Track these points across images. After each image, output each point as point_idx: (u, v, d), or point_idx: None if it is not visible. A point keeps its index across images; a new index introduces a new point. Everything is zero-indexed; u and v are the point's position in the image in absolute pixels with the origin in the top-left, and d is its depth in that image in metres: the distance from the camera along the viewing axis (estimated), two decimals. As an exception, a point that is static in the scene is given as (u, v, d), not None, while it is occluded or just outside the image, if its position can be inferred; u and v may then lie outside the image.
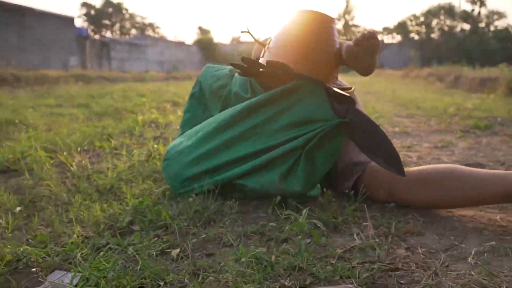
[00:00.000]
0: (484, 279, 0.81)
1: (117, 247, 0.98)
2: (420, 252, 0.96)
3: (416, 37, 37.09)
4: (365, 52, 1.33)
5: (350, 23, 39.31)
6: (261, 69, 1.30)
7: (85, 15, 46.21)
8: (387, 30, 46.22)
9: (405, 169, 1.27)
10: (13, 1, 14.21)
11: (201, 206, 1.22)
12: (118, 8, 47.97)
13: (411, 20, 36.92)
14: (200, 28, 53.16)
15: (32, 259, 0.93)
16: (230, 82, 1.46)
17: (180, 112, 3.59)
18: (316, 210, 1.20)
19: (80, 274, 0.82)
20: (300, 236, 0.94)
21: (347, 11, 38.97)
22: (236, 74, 1.47)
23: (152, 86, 8.43)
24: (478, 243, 1.02)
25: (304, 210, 0.99)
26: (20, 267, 0.92)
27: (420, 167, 1.28)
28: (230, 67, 1.52)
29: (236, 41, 51.39)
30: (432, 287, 0.80)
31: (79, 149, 1.99)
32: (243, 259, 0.88)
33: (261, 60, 1.41)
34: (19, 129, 2.59)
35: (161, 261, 0.92)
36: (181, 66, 27.15)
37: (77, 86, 7.60)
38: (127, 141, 2.19)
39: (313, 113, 1.25)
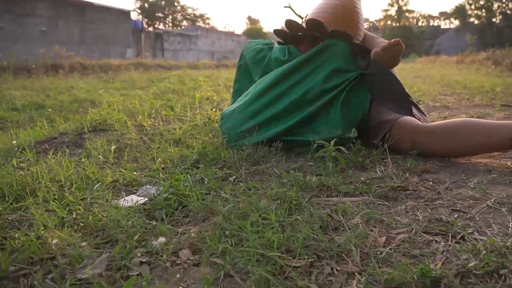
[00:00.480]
0: (477, 194, 1.02)
1: (188, 174, 1.27)
2: (431, 180, 1.18)
3: (476, 21, 35.25)
4: (390, 56, 1.55)
5: (404, 8, 38.05)
6: (299, 33, 1.56)
7: (139, 8, 48.00)
8: (444, 15, 44.26)
9: (424, 124, 1.48)
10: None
11: (252, 150, 1.49)
12: (170, 0, 49.40)
13: (470, 4, 35.13)
14: (249, 18, 53.72)
15: (126, 180, 1.24)
16: (269, 52, 1.72)
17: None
18: (348, 154, 1.44)
19: (163, 185, 1.12)
20: (329, 163, 1.18)
21: (401, -4, 37.71)
22: (275, 45, 1.73)
23: (205, 72, 8.84)
24: (483, 177, 1.21)
25: (332, 142, 1.23)
26: (118, 186, 1.23)
27: (438, 122, 1.48)
28: (268, 40, 1.79)
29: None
30: (433, 200, 1.02)
31: (150, 115, 2.34)
32: (285, 180, 1.14)
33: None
34: (97, 104, 3.00)
35: (222, 182, 1.20)
36: (231, 56, 27.68)
37: (137, 72, 8.14)
38: (188, 111, 2.51)
39: (342, 65, 1.50)
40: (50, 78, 6.13)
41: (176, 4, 50.26)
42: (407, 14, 38.40)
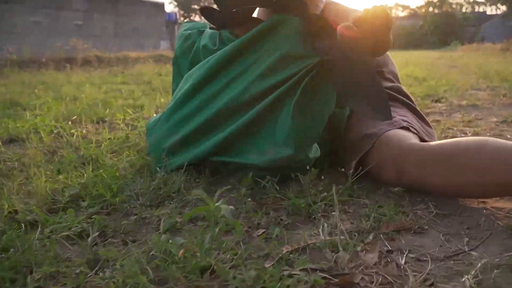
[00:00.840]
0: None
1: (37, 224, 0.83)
2: (401, 260, 0.68)
3: (526, 6, 32.95)
4: (368, 35, 1.00)
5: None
6: (233, 9, 1.08)
7: (175, 0, 48.31)
8: (490, 1, 41.67)
9: (417, 143, 0.97)
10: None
11: (164, 183, 1.04)
12: (207, -9, 49.37)
13: (520, -13, 32.77)
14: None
15: None
16: (198, 38, 1.25)
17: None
18: (295, 191, 0.95)
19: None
20: (213, 226, 0.69)
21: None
22: (207, 29, 1.25)
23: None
24: (498, 251, 0.70)
25: (217, 192, 0.71)
26: None
27: (441, 141, 0.96)
28: (202, 23, 1.31)
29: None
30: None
31: (100, 119, 1.93)
32: (143, 259, 0.68)
33: None
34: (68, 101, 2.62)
35: (67, 244, 0.75)
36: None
37: (151, 65, 7.82)
38: (150, 114, 2.08)
39: (292, 49, 1.01)
40: (55, 72, 5.89)
41: (211, -5, 50.29)
42: (450, 0, 36.39)
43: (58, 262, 0.68)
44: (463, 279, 0.59)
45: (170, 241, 0.69)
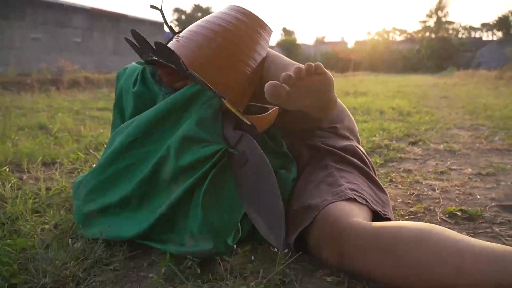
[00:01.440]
0: None
1: None
2: None
3: (521, 33, 33.44)
4: (302, 96, 0.90)
5: (443, 19, 36.52)
6: (150, 56, 0.98)
7: (176, 20, 48.94)
8: (486, 27, 42.29)
9: (364, 222, 0.86)
10: (110, 9, 15.37)
11: (76, 257, 0.91)
12: (207, 12, 50.07)
13: (514, 15, 33.30)
14: (284, 29, 53.30)
15: None
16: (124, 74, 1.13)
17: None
18: (219, 274, 0.83)
19: None
20: None
21: (440, 7, 36.28)
22: (132, 64, 1.15)
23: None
24: None
25: None
26: None
27: (385, 224, 0.85)
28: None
29: (319, 42, 50.60)
30: None
31: (48, 161, 1.81)
32: None
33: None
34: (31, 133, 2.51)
35: None
36: (262, 67, 27.25)
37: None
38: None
39: (197, 131, 0.89)
40: (39, 94, 5.79)
41: (212, 15, 50.85)
42: (446, 25, 36.87)
43: None
44: None
45: None
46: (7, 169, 1.61)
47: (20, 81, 6.51)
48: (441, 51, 34.10)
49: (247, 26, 1.04)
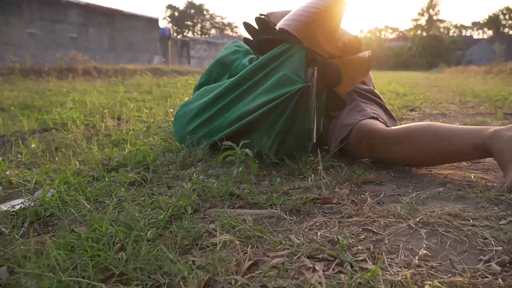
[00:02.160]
0: (403, 211, 0.84)
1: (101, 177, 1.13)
2: (366, 193, 0.99)
3: (511, 31, 34.13)
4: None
5: (435, 18, 37.22)
6: (269, 36, 1.38)
7: (169, 16, 48.95)
8: (477, 25, 43.05)
9: (382, 128, 1.29)
10: (105, 5, 15.50)
11: (188, 155, 1.34)
12: (200, 9, 50.12)
13: (504, 14, 34.06)
14: (277, 26, 53.71)
15: (29, 181, 1.11)
16: (242, 56, 1.56)
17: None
18: (290, 159, 1.26)
19: (54, 190, 0.98)
20: (236, 168, 1.01)
21: (431, 5, 36.93)
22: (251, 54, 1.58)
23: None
24: (431, 191, 1.02)
25: (239, 148, 1.03)
26: (21, 188, 1.10)
27: (400, 126, 1.29)
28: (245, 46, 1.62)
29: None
30: (350, 216, 0.84)
31: (118, 115, 2.23)
32: (191, 186, 0.98)
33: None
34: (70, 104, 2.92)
35: (128, 187, 1.05)
36: (257, 63, 27.67)
37: (149, 77, 8.14)
38: (161, 115, 2.38)
39: (290, 73, 1.30)
40: (58, 80, 6.17)
41: (205, 13, 51.05)
42: (438, 23, 37.53)
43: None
44: (402, 199, 0.91)
45: (205, 180, 1.00)
46: (98, 116, 2.04)
47: (36, 70, 6.87)
48: (432, 49, 34.83)
49: (331, 7, 1.45)
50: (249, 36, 1.45)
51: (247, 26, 1.42)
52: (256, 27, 1.40)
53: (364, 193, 1.00)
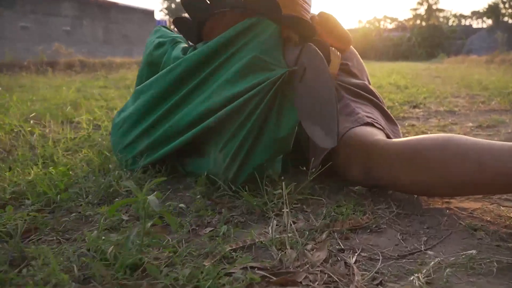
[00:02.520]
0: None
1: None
2: (351, 259, 0.63)
3: (510, 20, 33.71)
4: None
5: (434, 7, 36.62)
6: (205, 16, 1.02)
7: (166, 8, 48.43)
8: (476, 14, 42.47)
9: (387, 139, 0.93)
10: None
11: (117, 181, 0.98)
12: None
13: (504, 3, 33.52)
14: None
15: None
16: (170, 48, 1.17)
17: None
18: (251, 189, 0.90)
19: None
20: (144, 223, 0.64)
21: (430, -5, 36.31)
22: (182, 43, 1.19)
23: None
24: (455, 250, 0.66)
25: (147, 185, 0.66)
26: None
27: (406, 138, 0.92)
28: (177, 34, 1.24)
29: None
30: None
31: (60, 120, 1.86)
32: (72, 257, 0.62)
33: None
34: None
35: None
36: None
37: (135, 71, 7.75)
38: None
39: (263, 54, 0.93)
40: (36, 76, 5.78)
41: (202, 4, 50.38)
42: (437, 13, 36.99)
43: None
44: (412, 278, 0.55)
45: (103, 238, 0.64)
46: (31, 122, 1.67)
47: (16, 64, 6.47)
48: (431, 39, 34.24)
49: None
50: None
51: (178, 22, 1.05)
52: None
53: (351, 255, 0.64)
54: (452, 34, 34.65)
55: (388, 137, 1.07)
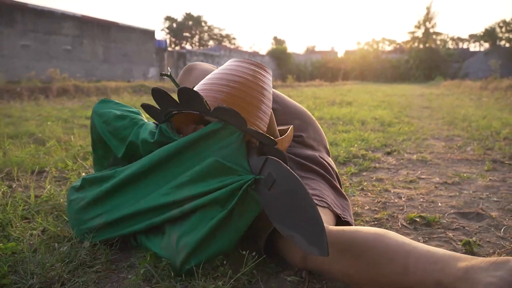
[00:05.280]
0: None
1: None
2: None
3: (507, 44, 34.13)
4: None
5: (432, 30, 37.10)
6: (172, 111, 1.06)
7: (167, 28, 49.08)
8: (473, 38, 43.03)
9: (327, 227, 0.95)
10: (100, 17, 15.41)
11: (62, 260, 1.00)
12: (198, 20, 50.26)
13: (500, 27, 34.01)
14: (275, 38, 53.71)
15: None
16: (136, 127, 1.20)
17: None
18: (188, 275, 0.92)
19: None
20: None
21: (427, 19, 36.86)
22: (142, 117, 1.22)
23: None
24: None
25: None
26: None
27: (342, 228, 0.94)
28: (132, 107, 1.28)
29: (310, 51, 51.07)
30: None
31: (35, 170, 1.88)
32: None
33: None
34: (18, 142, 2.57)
35: None
36: (253, 76, 27.42)
37: (127, 97, 7.81)
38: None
39: (226, 159, 0.98)
40: (27, 103, 5.84)
41: (203, 24, 51.07)
42: (434, 36, 37.46)
43: None
44: None
45: None
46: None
47: (9, 89, 6.54)
48: (429, 61, 34.66)
49: (252, 69, 1.13)
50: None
51: (157, 93, 1.08)
52: (176, 98, 1.05)
53: None
54: (449, 58, 35.10)
55: (335, 213, 1.10)
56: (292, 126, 1.19)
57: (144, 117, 1.26)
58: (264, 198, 0.95)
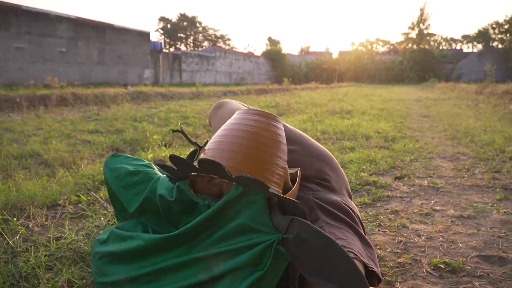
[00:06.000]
0: None
1: None
2: None
3: (500, 45, 34.40)
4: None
5: (425, 31, 37.31)
6: (192, 173, 1.05)
7: (161, 29, 48.92)
8: (466, 39, 43.34)
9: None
10: (95, 18, 15.32)
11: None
12: (192, 21, 50.10)
13: (493, 28, 34.28)
14: (269, 39, 53.73)
15: None
16: (149, 179, 1.19)
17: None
18: None
19: None
20: None
21: (421, 20, 37.07)
22: (155, 169, 1.21)
23: (203, 104, 8.42)
24: None
25: None
26: None
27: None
28: (144, 161, 1.27)
29: (305, 52, 51.16)
30: None
31: (47, 205, 1.87)
32: None
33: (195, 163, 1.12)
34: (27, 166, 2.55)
35: None
36: (249, 77, 27.45)
37: (127, 106, 7.78)
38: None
39: (251, 221, 0.97)
40: (27, 115, 5.79)
41: (198, 25, 50.91)
42: (428, 37, 37.67)
43: None
44: None
45: None
46: (12, 216, 1.67)
47: (8, 99, 6.48)
48: (423, 63, 34.86)
49: (264, 122, 1.12)
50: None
51: (175, 160, 1.06)
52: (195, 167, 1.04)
53: None
54: (443, 59, 35.31)
55: (363, 263, 1.10)
56: (299, 168, 1.19)
57: (156, 169, 1.26)
58: (293, 254, 0.95)
